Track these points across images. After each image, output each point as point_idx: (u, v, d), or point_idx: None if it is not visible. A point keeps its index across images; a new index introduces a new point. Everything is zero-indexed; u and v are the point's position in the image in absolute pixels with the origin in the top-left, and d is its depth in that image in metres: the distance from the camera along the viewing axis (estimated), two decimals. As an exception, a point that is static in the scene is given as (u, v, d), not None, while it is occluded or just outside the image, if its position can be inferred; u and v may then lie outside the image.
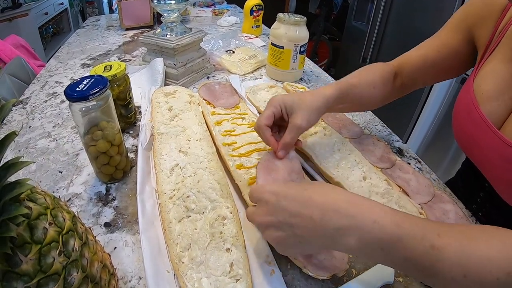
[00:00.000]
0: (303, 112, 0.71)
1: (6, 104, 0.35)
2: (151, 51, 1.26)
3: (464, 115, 0.72)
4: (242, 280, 0.53)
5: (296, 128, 0.69)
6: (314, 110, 0.72)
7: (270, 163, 0.69)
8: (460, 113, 0.75)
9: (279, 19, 1.21)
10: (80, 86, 0.65)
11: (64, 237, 0.39)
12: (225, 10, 2.31)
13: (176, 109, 0.93)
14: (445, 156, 2.10)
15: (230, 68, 1.36)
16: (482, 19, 0.73)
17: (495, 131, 0.63)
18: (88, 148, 0.71)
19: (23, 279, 0.34)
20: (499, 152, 0.61)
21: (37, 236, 0.36)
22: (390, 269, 0.59)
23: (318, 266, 0.57)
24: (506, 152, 0.61)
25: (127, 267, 0.59)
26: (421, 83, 0.89)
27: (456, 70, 0.83)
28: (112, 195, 0.74)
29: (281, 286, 0.56)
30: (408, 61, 0.87)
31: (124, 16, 1.89)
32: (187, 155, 0.77)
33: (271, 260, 0.60)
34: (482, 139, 0.67)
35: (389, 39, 2.65)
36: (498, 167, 0.65)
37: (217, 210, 0.64)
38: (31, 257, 0.35)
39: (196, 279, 0.53)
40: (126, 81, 0.90)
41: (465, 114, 0.72)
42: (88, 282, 0.42)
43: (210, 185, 0.69)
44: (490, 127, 0.65)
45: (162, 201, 0.66)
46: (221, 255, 0.56)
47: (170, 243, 0.58)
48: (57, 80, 1.27)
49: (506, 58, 0.67)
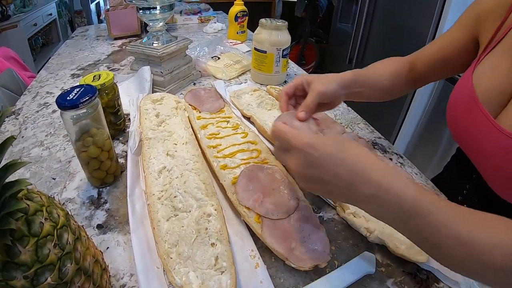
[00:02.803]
0: (323, 81, 0.76)
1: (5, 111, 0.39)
2: (138, 59, 1.28)
3: (461, 106, 0.75)
4: (227, 272, 0.56)
5: (316, 92, 0.73)
6: (332, 81, 0.77)
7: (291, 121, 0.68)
8: (457, 104, 0.77)
9: (261, 24, 1.25)
10: (71, 95, 0.68)
11: (58, 231, 0.42)
12: (211, 17, 2.34)
13: (163, 115, 0.96)
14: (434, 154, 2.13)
15: (216, 73, 1.39)
16: (490, 13, 0.76)
17: (493, 121, 0.66)
18: (79, 154, 0.74)
19: (21, 269, 0.37)
20: (495, 141, 0.63)
21: (34, 229, 0.39)
22: (372, 260, 0.62)
23: (300, 258, 0.60)
24: (501, 141, 0.63)
25: (119, 265, 0.62)
26: (432, 78, 0.93)
27: (461, 67, 0.85)
28: (104, 199, 0.77)
29: (266, 278, 0.59)
30: (421, 57, 0.90)
31: (112, 25, 1.91)
32: (174, 158, 0.80)
33: (256, 254, 0.63)
34: (478, 129, 0.70)
35: (374, 39, 2.69)
36: (493, 156, 0.67)
37: (203, 208, 0.67)
38: (29, 248, 0.38)
39: (184, 273, 0.55)
40: (115, 89, 0.93)
41: (462, 105, 0.75)
42: (81, 274, 0.45)
43: (196, 185, 0.72)
44: (488, 117, 0.67)
45: (150, 201, 0.69)
46: (207, 250, 0.59)
47: (159, 240, 0.61)
48: (48, 90, 1.29)
49: (507, 53, 0.69)
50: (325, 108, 0.81)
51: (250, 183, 0.73)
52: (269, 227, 0.64)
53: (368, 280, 0.61)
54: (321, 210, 0.75)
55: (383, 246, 0.66)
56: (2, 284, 0.36)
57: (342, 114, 1.16)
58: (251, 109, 1.06)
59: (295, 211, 0.68)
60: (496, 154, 0.66)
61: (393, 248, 0.63)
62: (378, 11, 2.58)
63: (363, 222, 0.68)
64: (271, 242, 0.61)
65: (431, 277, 0.62)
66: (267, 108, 1.07)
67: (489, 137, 0.66)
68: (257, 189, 0.71)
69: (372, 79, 0.86)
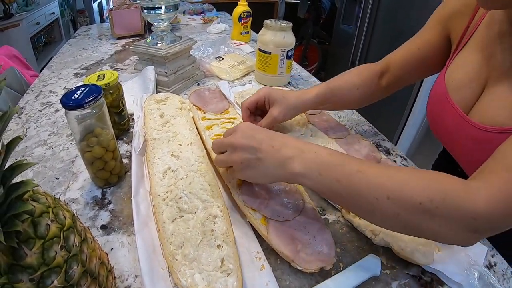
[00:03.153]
0: (282, 107, 0.83)
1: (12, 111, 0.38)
2: (142, 59, 1.28)
3: (436, 104, 0.78)
4: (233, 274, 0.55)
5: (272, 118, 0.82)
6: (292, 108, 0.84)
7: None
8: (433, 102, 0.81)
9: (266, 25, 1.24)
10: (76, 94, 0.67)
11: (65, 233, 0.41)
12: (215, 18, 2.33)
13: (167, 115, 0.95)
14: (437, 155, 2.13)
15: (220, 74, 1.39)
16: (458, 13, 0.78)
17: (462, 114, 0.70)
18: (84, 154, 0.73)
19: (27, 271, 0.37)
20: (467, 135, 0.66)
21: (40, 231, 0.39)
22: (377, 262, 0.62)
23: (306, 260, 0.59)
24: (471, 133, 0.67)
25: (123, 266, 0.61)
26: (406, 81, 0.94)
27: (437, 66, 0.87)
28: (108, 199, 0.76)
29: (272, 280, 0.58)
30: (393, 61, 0.91)
31: (116, 25, 1.90)
32: (179, 159, 0.79)
33: (261, 256, 0.62)
34: (452, 125, 0.73)
35: (377, 41, 2.69)
36: (467, 148, 0.70)
37: (208, 209, 0.66)
38: (35, 251, 0.37)
39: (189, 275, 0.55)
40: (119, 89, 0.93)
41: (437, 103, 0.78)
42: (88, 277, 0.44)
43: (201, 186, 0.71)
44: (458, 112, 0.71)
45: (156, 202, 0.68)
46: (213, 252, 0.59)
47: (164, 242, 0.60)
48: (51, 89, 1.29)
49: (477, 48, 0.72)
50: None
51: (256, 184, 0.72)
52: (275, 229, 0.63)
53: (373, 283, 0.61)
54: (326, 212, 0.75)
55: (388, 249, 0.66)
56: (8, 287, 0.36)
57: (346, 115, 1.16)
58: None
59: (301, 213, 0.67)
60: (469, 146, 0.70)
61: (398, 250, 0.63)
62: (381, 13, 2.58)
63: (368, 224, 0.68)
64: (277, 244, 0.61)
65: (435, 279, 0.62)
66: (271, 110, 1.06)
67: (461, 132, 0.69)
68: (262, 191, 0.71)
69: (340, 94, 0.90)
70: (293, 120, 0.98)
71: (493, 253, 0.69)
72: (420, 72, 0.91)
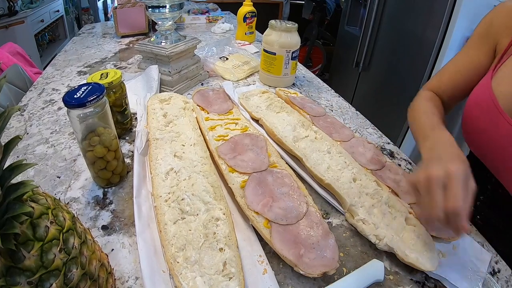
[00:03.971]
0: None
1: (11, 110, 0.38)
2: (146, 58, 1.28)
3: (479, 113, 0.75)
4: (235, 278, 0.55)
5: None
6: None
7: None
8: (475, 113, 0.77)
9: (271, 26, 1.24)
10: (78, 93, 0.67)
11: (64, 235, 0.41)
12: (219, 17, 2.34)
13: (171, 115, 0.95)
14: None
15: (224, 74, 1.38)
16: (506, 27, 0.76)
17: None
18: (85, 153, 0.73)
19: (25, 274, 0.36)
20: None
21: (39, 233, 0.38)
22: (381, 268, 0.62)
23: (309, 264, 0.59)
24: None
25: (124, 268, 0.61)
26: (458, 100, 0.91)
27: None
28: (109, 199, 0.76)
29: (274, 285, 0.58)
30: (443, 84, 0.90)
31: (120, 23, 1.90)
32: (182, 160, 0.79)
33: (264, 260, 0.62)
34: (503, 138, 0.70)
35: (381, 43, 2.69)
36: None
37: (211, 212, 0.66)
38: (33, 253, 0.37)
39: (191, 278, 0.55)
40: (122, 88, 0.92)
41: (480, 112, 0.74)
42: (87, 279, 0.44)
43: (204, 188, 0.71)
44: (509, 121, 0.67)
45: (157, 204, 0.68)
46: (215, 255, 0.58)
47: (166, 244, 0.60)
48: (54, 87, 1.29)
49: None
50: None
51: (259, 187, 0.72)
52: (278, 233, 0.63)
53: (377, 288, 0.60)
54: (330, 216, 0.74)
55: (391, 254, 0.65)
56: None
57: (351, 118, 1.15)
58: (260, 111, 1.05)
59: (304, 217, 0.67)
60: None
61: (402, 256, 0.62)
62: (386, 15, 2.58)
63: (373, 229, 0.67)
64: (280, 249, 0.60)
65: (439, 285, 0.62)
66: (276, 111, 1.05)
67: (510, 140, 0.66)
68: (266, 193, 0.70)
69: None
70: (298, 122, 0.97)
71: (497, 260, 0.68)
72: (467, 91, 0.86)
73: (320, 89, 1.37)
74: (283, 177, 0.76)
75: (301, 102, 1.10)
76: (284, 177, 0.76)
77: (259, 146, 0.83)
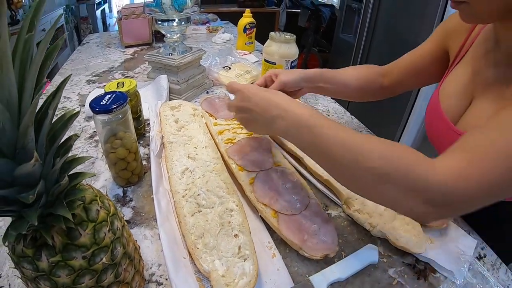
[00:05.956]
0: (287, 73, 0.93)
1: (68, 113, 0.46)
2: (155, 68, 1.35)
3: (431, 115, 0.86)
4: (249, 259, 0.62)
5: (280, 81, 0.91)
6: (295, 74, 0.94)
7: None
8: (429, 114, 0.88)
9: (271, 37, 1.32)
10: (104, 100, 0.75)
11: (110, 218, 0.49)
12: (219, 28, 2.41)
13: (182, 121, 1.02)
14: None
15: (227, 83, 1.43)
16: (456, 32, 0.86)
17: (450, 124, 0.77)
18: (108, 155, 0.80)
19: (81, 250, 0.43)
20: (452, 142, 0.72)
21: (91, 216, 0.46)
22: (375, 251, 0.69)
23: (312, 248, 0.67)
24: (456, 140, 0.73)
25: (147, 256, 0.68)
26: (406, 86, 1.03)
27: (435, 76, 0.96)
28: (129, 197, 0.83)
29: (282, 267, 0.66)
30: (396, 66, 1.01)
31: (124, 34, 1.97)
32: (195, 160, 0.86)
33: (272, 246, 0.70)
34: (441, 133, 0.81)
35: (376, 50, 2.75)
36: None
37: (225, 204, 0.73)
38: (88, 232, 0.44)
39: (210, 261, 0.62)
40: (137, 96, 1.00)
41: (431, 114, 0.86)
42: (126, 258, 0.52)
43: (217, 184, 0.78)
44: (446, 122, 0.78)
45: (176, 199, 0.75)
46: (230, 240, 0.66)
47: (186, 233, 0.67)
48: (65, 95, 1.35)
49: (468, 64, 0.79)
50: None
51: (266, 183, 0.80)
52: (284, 221, 0.71)
53: (372, 269, 0.68)
54: (329, 208, 0.82)
55: (385, 240, 0.73)
56: (61, 264, 0.42)
57: (346, 122, 1.23)
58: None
59: (307, 208, 0.75)
60: None
61: (394, 241, 0.70)
62: (380, 23, 2.65)
63: (367, 218, 0.75)
64: (287, 234, 0.68)
65: (428, 267, 0.69)
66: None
67: (449, 140, 0.74)
68: (272, 188, 0.78)
69: (338, 79, 1.00)
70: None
71: (483, 246, 0.75)
72: (419, 79, 1.01)
73: (317, 95, 1.43)
74: (286, 175, 0.83)
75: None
76: (288, 174, 0.84)
77: (264, 147, 0.91)
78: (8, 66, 0.32)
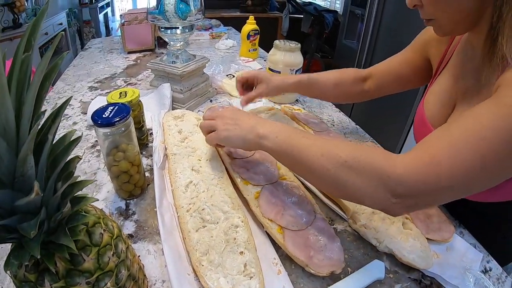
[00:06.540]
0: (269, 85, 1.03)
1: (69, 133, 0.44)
2: (158, 76, 1.34)
3: (418, 125, 0.88)
4: (255, 277, 0.61)
5: (258, 92, 1.04)
6: (275, 87, 1.05)
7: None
8: (415, 123, 0.91)
9: (276, 46, 1.31)
10: (106, 113, 0.73)
11: (114, 241, 0.47)
12: (222, 34, 2.40)
13: (185, 131, 1.01)
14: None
15: (231, 91, 1.44)
16: (437, 41, 0.88)
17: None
18: (110, 167, 0.79)
19: (84, 275, 0.42)
20: None
21: (95, 240, 0.45)
22: (382, 267, 0.68)
23: (318, 265, 0.65)
24: None
25: (151, 272, 0.67)
26: (386, 90, 1.07)
27: (415, 82, 1.00)
28: (132, 210, 0.81)
29: (288, 283, 0.65)
30: (376, 70, 1.05)
31: (127, 40, 1.96)
32: (199, 173, 0.85)
33: (278, 262, 0.69)
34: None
35: (378, 56, 2.74)
36: None
37: (230, 220, 0.72)
38: (91, 257, 0.43)
39: (215, 279, 0.61)
40: (140, 106, 0.99)
41: (417, 123, 0.88)
42: (131, 280, 0.50)
43: (222, 199, 0.77)
44: (430, 130, 0.80)
45: (180, 213, 0.74)
46: (236, 258, 0.65)
47: (190, 249, 0.66)
48: (67, 102, 1.33)
49: (449, 73, 0.81)
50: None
51: (272, 197, 0.79)
52: (290, 237, 0.70)
53: (378, 285, 0.67)
54: (335, 223, 0.81)
55: (391, 255, 0.72)
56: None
57: (351, 132, 1.22)
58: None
59: (313, 223, 0.74)
60: None
61: (400, 256, 0.69)
62: (383, 29, 2.64)
63: (373, 233, 0.74)
64: (293, 251, 0.67)
65: (434, 282, 0.69)
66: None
67: None
68: (278, 203, 0.77)
69: (320, 85, 1.06)
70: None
71: (489, 259, 0.75)
72: (398, 85, 1.04)
73: (322, 104, 1.43)
74: (292, 188, 0.82)
75: (305, 118, 1.17)
76: (293, 188, 0.83)
77: (269, 160, 0.90)
78: (4, 89, 0.31)
